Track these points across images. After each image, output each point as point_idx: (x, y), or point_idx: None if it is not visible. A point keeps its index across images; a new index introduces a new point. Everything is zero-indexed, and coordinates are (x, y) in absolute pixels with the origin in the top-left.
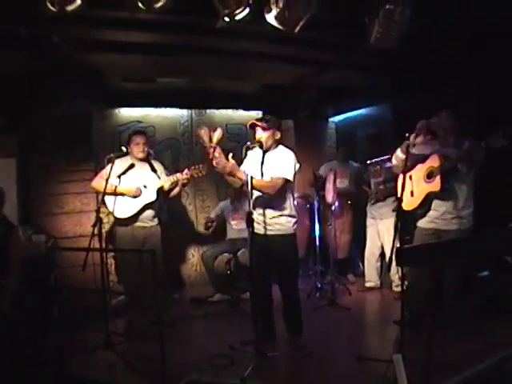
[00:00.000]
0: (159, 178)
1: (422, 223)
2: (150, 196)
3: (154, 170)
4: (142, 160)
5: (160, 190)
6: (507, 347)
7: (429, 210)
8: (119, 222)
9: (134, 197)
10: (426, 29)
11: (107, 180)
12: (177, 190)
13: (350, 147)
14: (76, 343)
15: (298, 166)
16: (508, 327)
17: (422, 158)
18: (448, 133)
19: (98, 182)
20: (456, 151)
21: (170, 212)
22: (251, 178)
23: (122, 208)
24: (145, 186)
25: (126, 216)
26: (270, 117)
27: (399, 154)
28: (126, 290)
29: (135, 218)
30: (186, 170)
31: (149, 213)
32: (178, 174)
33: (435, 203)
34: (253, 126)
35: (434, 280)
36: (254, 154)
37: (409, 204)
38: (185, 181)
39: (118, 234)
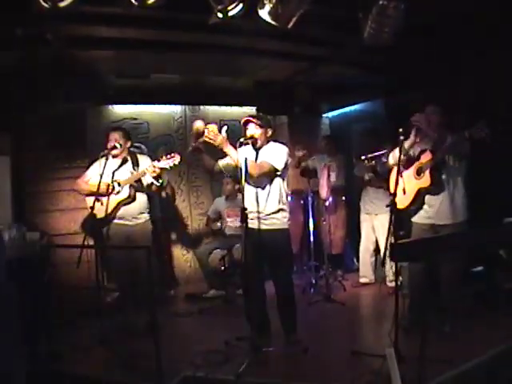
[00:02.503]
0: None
1: (418, 219)
2: (122, 193)
3: (135, 166)
4: (118, 156)
5: (143, 186)
6: (501, 343)
7: (422, 205)
8: (99, 221)
9: (106, 194)
10: (419, 25)
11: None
12: (155, 184)
13: (335, 139)
14: (71, 340)
15: (289, 160)
16: (502, 323)
17: (416, 157)
18: (433, 127)
19: (78, 185)
20: (442, 145)
21: (163, 209)
22: (246, 159)
23: (100, 207)
24: (118, 184)
25: (102, 215)
26: (263, 115)
27: (397, 153)
28: (117, 287)
29: (112, 216)
30: (151, 162)
31: (131, 210)
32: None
33: (429, 198)
34: (247, 123)
35: (433, 274)
36: (247, 151)
37: (402, 202)
38: (153, 174)
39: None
